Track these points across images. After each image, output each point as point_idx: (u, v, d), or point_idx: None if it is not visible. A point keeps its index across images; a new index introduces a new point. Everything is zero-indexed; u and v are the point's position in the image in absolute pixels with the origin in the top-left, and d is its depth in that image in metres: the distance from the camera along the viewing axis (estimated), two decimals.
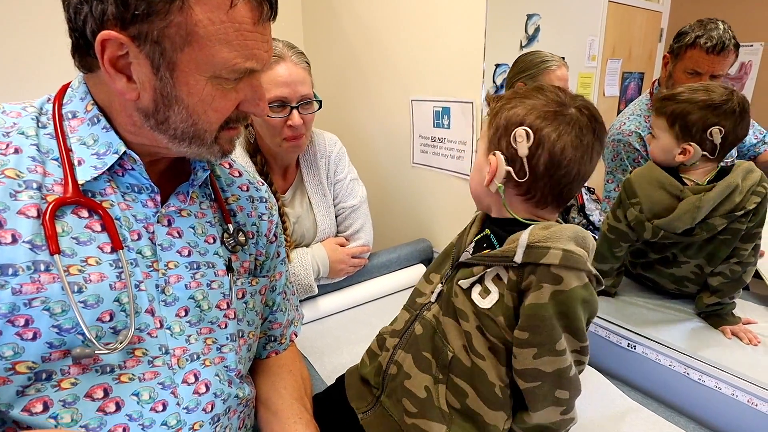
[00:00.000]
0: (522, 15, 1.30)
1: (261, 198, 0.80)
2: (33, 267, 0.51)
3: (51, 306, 0.52)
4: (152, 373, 0.59)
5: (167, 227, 0.63)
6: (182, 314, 0.63)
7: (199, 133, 0.58)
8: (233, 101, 0.59)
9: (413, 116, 1.58)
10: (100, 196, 0.58)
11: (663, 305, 1.14)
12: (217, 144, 0.61)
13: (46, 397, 0.52)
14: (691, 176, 1.02)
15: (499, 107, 0.72)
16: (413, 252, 1.54)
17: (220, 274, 0.68)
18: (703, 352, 0.96)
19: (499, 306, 0.66)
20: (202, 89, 0.55)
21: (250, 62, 0.55)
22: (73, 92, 0.60)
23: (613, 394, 0.98)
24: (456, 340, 0.72)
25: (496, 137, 0.71)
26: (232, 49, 0.53)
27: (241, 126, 0.64)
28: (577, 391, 0.68)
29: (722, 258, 1.02)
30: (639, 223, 1.04)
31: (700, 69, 1.06)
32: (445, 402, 0.72)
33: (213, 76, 0.54)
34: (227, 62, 0.54)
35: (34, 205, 0.52)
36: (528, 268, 0.64)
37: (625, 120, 1.25)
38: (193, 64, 0.53)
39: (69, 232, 0.54)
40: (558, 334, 0.63)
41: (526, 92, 0.71)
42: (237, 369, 0.69)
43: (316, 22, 1.95)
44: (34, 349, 0.51)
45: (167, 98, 0.55)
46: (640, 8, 1.34)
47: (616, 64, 1.38)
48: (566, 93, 0.71)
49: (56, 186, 0.55)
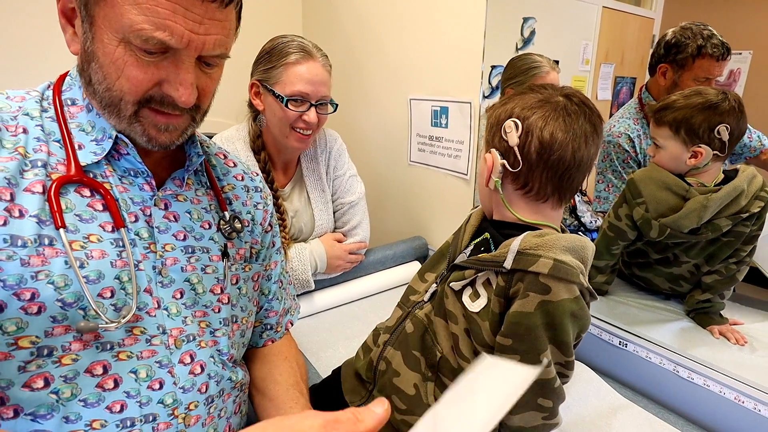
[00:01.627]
0: (518, 18, 1.32)
1: (256, 188, 0.81)
2: (38, 240, 0.52)
3: (55, 280, 0.52)
4: (150, 351, 0.60)
5: (164, 211, 0.64)
6: (178, 296, 0.64)
7: (115, 101, 0.56)
8: (150, 76, 0.55)
9: (411, 115, 1.59)
10: (101, 177, 0.59)
11: (654, 305, 1.17)
12: (138, 123, 0.58)
13: (47, 372, 0.53)
14: (698, 179, 1.03)
15: (493, 109, 0.74)
16: (409, 249, 1.55)
17: (214, 259, 0.69)
18: (692, 350, 0.99)
19: (486, 311, 0.66)
20: (113, 50, 0.53)
21: (160, 33, 0.51)
22: (71, 80, 0.62)
23: (604, 391, 1.00)
24: (445, 341, 0.72)
25: (491, 136, 0.73)
26: (140, 13, 0.50)
27: (176, 118, 0.60)
28: (561, 399, 0.67)
29: (722, 258, 1.05)
30: (645, 222, 1.06)
31: (712, 75, 1.09)
32: (434, 399, 0.72)
33: (123, 39, 0.52)
34: (134, 25, 0.51)
35: (39, 182, 0.54)
36: (517, 275, 0.63)
37: (614, 122, 1.28)
38: (106, 21, 0.52)
39: (72, 209, 0.56)
40: (543, 345, 0.63)
41: (518, 92, 0.73)
42: (229, 353, 0.70)
43: (316, 20, 1.96)
44: (39, 323, 0.52)
45: (88, 54, 0.55)
46: (633, 14, 1.37)
47: (609, 69, 1.41)
48: (557, 87, 0.72)
49: (59, 165, 0.56)
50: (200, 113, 0.64)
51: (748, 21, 1.09)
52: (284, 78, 1.15)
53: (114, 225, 0.58)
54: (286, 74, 1.15)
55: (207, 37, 0.55)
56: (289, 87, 1.15)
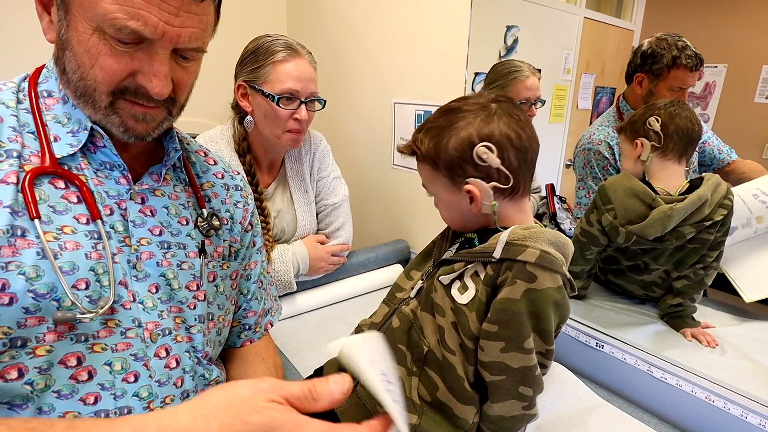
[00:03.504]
0: (501, 26, 1.34)
1: (236, 186, 0.81)
2: (11, 231, 0.52)
3: (26, 270, 0.52)
4: (125, 344, 0.60)
5: (140, 205, 0.64)
6: (153, 290, 0.64)
7: (89, 91, 0.56)
8: (124, 66, 0.55)
9: (395, 118, 1.60)
10: (76, 170, 0.59)
11: (629, 309, 1.20)
12: (115, 113, 0.58)
13: (21, 363, 0.52)
14: (662, 185, 1.07)
15: (432, 147, 0.71)
16: (391, 252, 1.56)
17: (191, 255, 0.69)
18: (665, 352, 1.01)
19: (474, 302, 0.68)
20: (87, 39, 0.53)
21: (133, 22, 0.51)
22: (48, 72, 0.62)
23: (580, 391, 1.02)
24: (432, 335, 0.73)
25: (453, 173, 0.71)
26: (114, 2, 0.50)
27: (151, 109, 0.60)
28: (540, 389, 0.69)
29: (689, 264, 1.08)
30: (613, 229, 1.09)
31: (685, 85, 1.14)
32: (416, 394, 0.73)
33: (98, 28, 0.52)
34: (107, 14, 0.51)
35: (13, 173, 0.53)
36: (505, 264, 0.65)
37: (594, 130, 1.31)
38: (80, 9, 0.52)
39: (46, 200, 0.55)
40: (527, 332, 0.64)
41: (440, 122, 0.71)
42: (204, 351, 0.70)
43: (300, 22, 1.96)
44: (10, 313, 0.51)
45: (63, 42, 0.55)
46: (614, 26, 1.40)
47: (589, 79, 1.44)
48: (473, 98, 0.72)
49: (33, 157, 0.56)
50: (176, 107, 0.64)
51: (723, 35, 1.13)
52: (273, 77, 1.14)
53: (90, 217, 0.58)
54: (274, 73, 1.14)
55: (182, 29, 0.55)
56: (278, 85, 1.14)
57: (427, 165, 0.73)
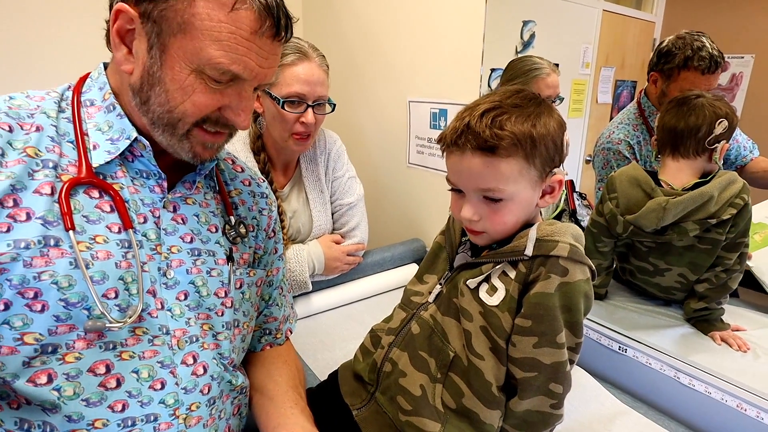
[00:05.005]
0: (518, 21, 1.31)
1: (262, 194, 0.82)
2: (44, 242, 0.53)
3: (59, 280, 0.53)
4: (152, 351, 0.61)
5: (172, 213, 0.65)
6: (182, 298, 0.65)
7: (173, 122, 0.59)
8: (216, 102, 0.60)
9: (410, 117, 1.59)
10: (111, 179, 0.60)
11: (653, 310, 1.16)
12: (188, 140, 0.61)
13: (50, 369, 0.54)
14: (667, 179, 1.06)
15: (525, 132, 0.64)
16: (407, 251, 1.54)
17: (220, 262, 0.70)
18: (693, 356, 0.98)
19: (505, 302, 0.67)
20: (184, 78, 0.57)
21: (236, 66, 0.57)
22: (92, 82, 0.64)
23: (603, 397, 0.99)
24: (457, 340, 0.72)
25: (546, 164, 0.67)
26: (220, 48, 0.55)
27: (222, 137, 0.65)
28: (569, 386, 0.69)
29: (705, 267, 1.05)
30: (613, 217, 1.08)
31: (695, 88, 1.09)
32: (440, 401, 0.72)
33: (197, 69, 0.56)
34: (212, 59, 0.55)
35: (48, 183, 0.55)
36: (538, 260, 0.65)
37: (614, 129, 1.27)
38: (182, 52, 0.56)
39: (80, 210, 0.57)
40: (560, 326, 0.65)
41: (531, 110, 0.66)
42: (230, 357, 0.70)
43: (316, 23, 1.95)
44: (42, 321, 0.53)
45: (152, 78, 0.57)
46: (634, 18, 1.36)
47: (609, 72, 1.40)
48: (500, 94, 0.69)
49: (70, 167, 0.58)
50: (235, 131, 0.67)
51: (750, 25, 1.09)
52: (280, 80, 1.14)
53: (122, 226, 0.59)
54: (282, 76, 1.14)
55: (268, 70, 0.61)
56: (285, 88, 1.14)
57: (516, 159, 0.65)
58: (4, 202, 0.52)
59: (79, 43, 1.43)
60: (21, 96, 0.59)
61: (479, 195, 0.68)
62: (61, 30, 1.47)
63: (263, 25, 0.57)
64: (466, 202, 0.69)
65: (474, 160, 0.65)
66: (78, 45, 1.42)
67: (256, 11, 0.56)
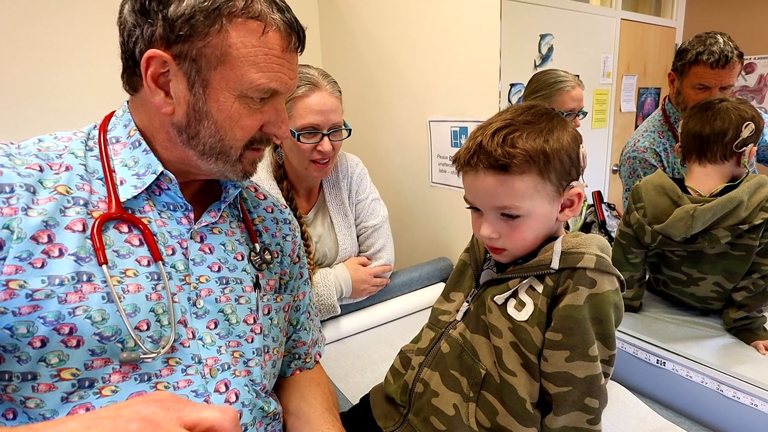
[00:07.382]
0: (535, 35, 1.32)
1: (285, 220, 0.83)
2: (77, 278, 0.54)
3: (92, 314, 0.54)
4: (186, 381, 0.61)
5: (200, 243, 0.67)
6: (212, 326, 0.65)
7: (225, 149, 0.62)
8: (258, 121, 0.63)
9: (431, 136, 1.60)
10: (140, 213, 0.62)
11: (691, 321, 1.12)
12: (240, 163, 0.65)
13: (88, 403, 0.55)
14: (694, 185, 1.03)
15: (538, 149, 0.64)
16: (434, 271, 1.54)
17: (247, 290, 0.71)
18: (736, 368, 0.94)
19: (534, 316, 0.67)
20: (230, 106, 0.60)
21: (274, 83, 0.60)
22: (117, 120, 0.66)
23: (643, 412, 0.96)
24: (487, 357, 0.72)
25: (562, 178, 0.67)
26: (259, 70, 0.59)
27: (264, 149, 0.68)
28: (606, 400, 0.67)
29: (741, 274, 1.01)
30: (640, 227, 1.05)
31: (707, 83, 1.08)
32: (474, 420, 0.71)
33: (241, 94, 0.59)
34: (254, 82, 0.59)
35: (80, 220, 0.56)
36: (565, 273, 0.65)
37: (639, 137, 1.25)
38: (224, 82, 0.58)
39: (111, 245, 0.58)
40: (591, 338, 0.64)
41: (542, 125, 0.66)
42: (262, 383, 0.71)
43: (333, 48, 2.00)
44: (78, 356, 0.54)
45: (199, 113, 0.60)
46: (653, 25, 1.35)
47: (631, 80, 1.38)
48: (513, 111, 0.69)
49: (101, 203, 0.60)
50: (271, 144, 0.71)
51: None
52: (294, 112, 1.17)
53: (151, 259, 0.61)
54: (295, 108, 1.17)
55: (294, 80, 0.65)
56: (299, 120, 1.17)
57: (531, 175, 0.65)
58: (39, 238, 0.53)
59: (100, 85, 1.47)
60: (49, 138, 0.62)
61: (496, 213, 0.69)
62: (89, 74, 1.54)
63: (290, 42, 0.61)
64: (484, 221, 0.70)
65: (488, 179, 0.66)
66: (100, 87, 1.46)
67: (282, 31, 0.60)
